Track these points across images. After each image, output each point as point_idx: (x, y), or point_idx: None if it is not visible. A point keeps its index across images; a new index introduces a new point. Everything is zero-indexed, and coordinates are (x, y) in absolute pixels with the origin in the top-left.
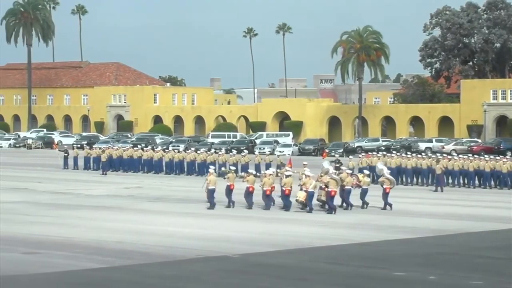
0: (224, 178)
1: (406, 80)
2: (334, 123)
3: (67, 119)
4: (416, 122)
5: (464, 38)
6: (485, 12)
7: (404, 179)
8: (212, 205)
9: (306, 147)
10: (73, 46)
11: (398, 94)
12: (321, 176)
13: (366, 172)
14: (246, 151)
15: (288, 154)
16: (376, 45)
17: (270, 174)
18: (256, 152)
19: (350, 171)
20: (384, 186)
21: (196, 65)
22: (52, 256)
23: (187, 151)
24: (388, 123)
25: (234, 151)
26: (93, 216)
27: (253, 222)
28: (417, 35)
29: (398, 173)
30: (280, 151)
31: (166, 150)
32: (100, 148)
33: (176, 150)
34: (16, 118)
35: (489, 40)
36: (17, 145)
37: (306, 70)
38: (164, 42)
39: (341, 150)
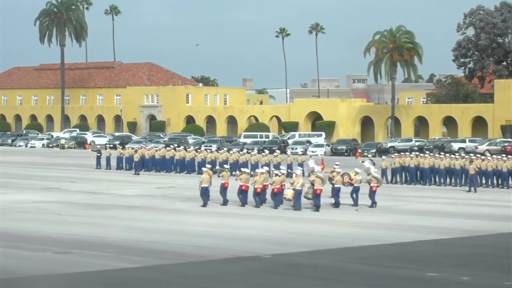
0: (219, 176)
1: (440, 80)
2: (366, 123)
3: (100, 119)
4: (450, 122)
5: (498, 38)
6: None
7: (437, 179)
8: (205, 203)
9: (339, 147)
10: (106, 47)
11: (431, 94)
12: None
13: (358, 170)
14: (278, 151)
15: (321, 154)
16: (409, 45)
17: (262, 173)
18: (289, 152)
19: (340, 171)
20: (371, 185)
21: (229, 65)
22: (85, 255)
23: (220, 151)
24: (421, 123)
25: (267, 151)
26: (126, 216)
27: (284, 222)
28: (451, 35)
29: (432, 173)
30: (312, 151)
31: (199, 150)
32: (132, 148)
33: (208, 150)
34: (49, 118)
35: None
36: (50, 145)
37: (339, 70)
38: (196, 42)
39: (373, 150)
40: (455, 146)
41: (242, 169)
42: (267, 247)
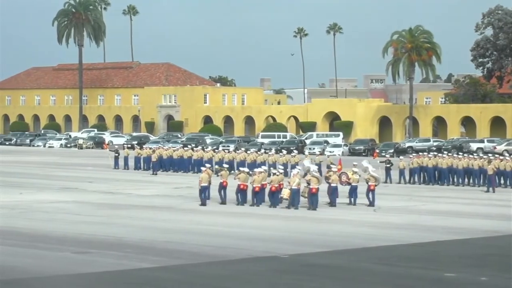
0: (218, 176)
1: (458, 80)
2: (384, 123)
3: (118, 119)
4: (468, 122)
5: None
6: None
7: (455, 179)
8: (203, 202)
9: (357, 148)
10: (124, 47)
11: (449, 94)
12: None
13: (355, 169)
14: (295, 151)
15: (338, 155)
16: (427, 44)
17: (260, 172)
18: (306, 152)
19: (335, 170)
20: (369, 184)
21: (246, 65)
22: (103, 255)
23: (237, 151)
24: (439, 123)
25: (284, 151)
26: (143, 216)
27: (302, 223)
28: (469, 35)
29: (450, 173)
30: (330, 152)
31: (216, 150)
32: (150, 148)
33: (226, 150)
34: (67, 119)
35: None
36: (68, 145)
37: (357, 70)
38: (214, 42)
39: (391, 151)
40: (474, 146)
41: (241, 169)
42: (285, 247)
